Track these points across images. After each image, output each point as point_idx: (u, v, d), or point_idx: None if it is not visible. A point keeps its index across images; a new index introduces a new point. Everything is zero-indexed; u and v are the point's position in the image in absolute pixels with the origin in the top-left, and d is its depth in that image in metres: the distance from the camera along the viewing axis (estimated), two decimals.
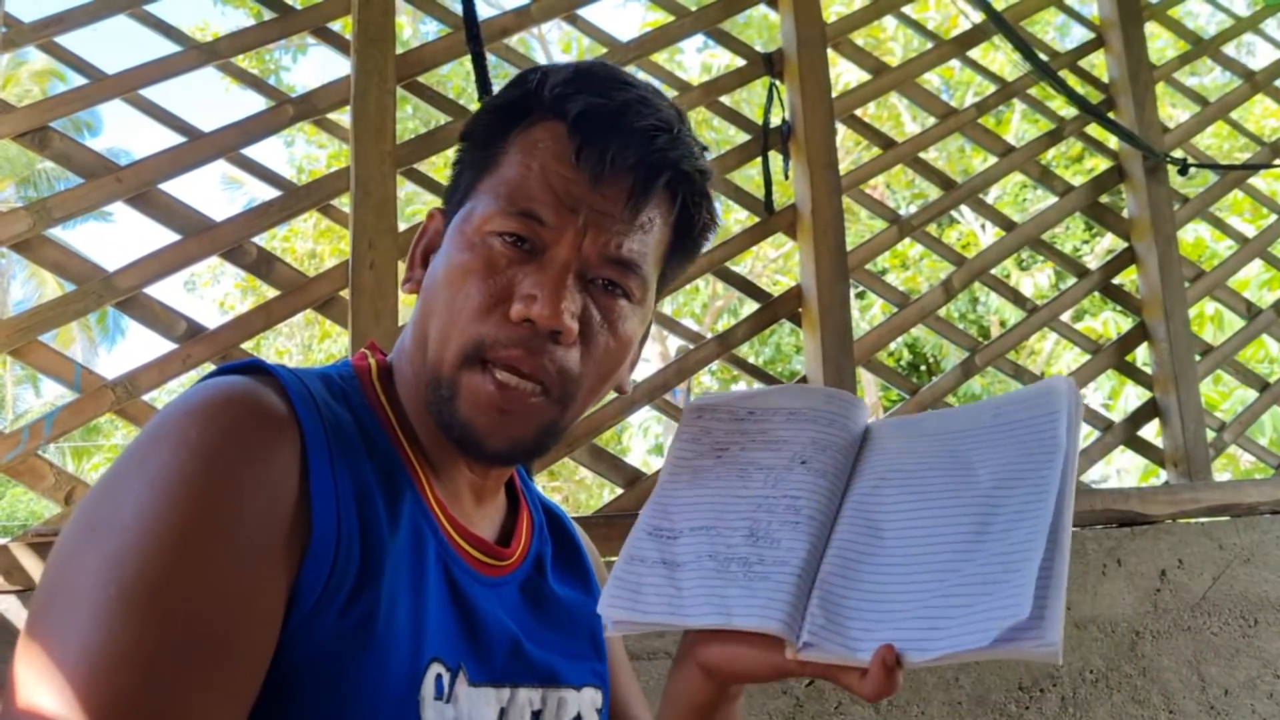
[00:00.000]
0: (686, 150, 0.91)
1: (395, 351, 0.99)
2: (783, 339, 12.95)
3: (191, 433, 0.75)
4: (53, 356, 1.96)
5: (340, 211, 2.21)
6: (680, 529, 0.88)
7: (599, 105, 0.87)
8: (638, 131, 0.88)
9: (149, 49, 2.10)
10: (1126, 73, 2.94)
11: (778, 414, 0.93)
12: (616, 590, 0.85)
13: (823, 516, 0.85)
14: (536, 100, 0.90)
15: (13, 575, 1.75)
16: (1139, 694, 2.29)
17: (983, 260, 2.77)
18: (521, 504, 1.07)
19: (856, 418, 0.93)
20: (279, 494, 0.77)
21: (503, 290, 0.86)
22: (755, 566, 0.82)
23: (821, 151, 2.54)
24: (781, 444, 0.90)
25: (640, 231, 0.90)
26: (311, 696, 0.77)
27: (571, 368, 0.88)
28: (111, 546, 0.70)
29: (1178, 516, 2.51)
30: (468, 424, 0.87)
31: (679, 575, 0.84)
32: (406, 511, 0.87)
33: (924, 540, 0.81)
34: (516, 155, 0.89)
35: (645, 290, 0.93)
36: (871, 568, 0.81)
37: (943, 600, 0.76)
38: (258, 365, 0.85)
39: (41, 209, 1.95)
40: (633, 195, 0.88)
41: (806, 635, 0.78)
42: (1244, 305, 3.12)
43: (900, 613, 0.77)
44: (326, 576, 0.77)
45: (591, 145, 0.86)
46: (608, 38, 2.50)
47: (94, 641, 0.67)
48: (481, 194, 0.90)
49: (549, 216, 0.87)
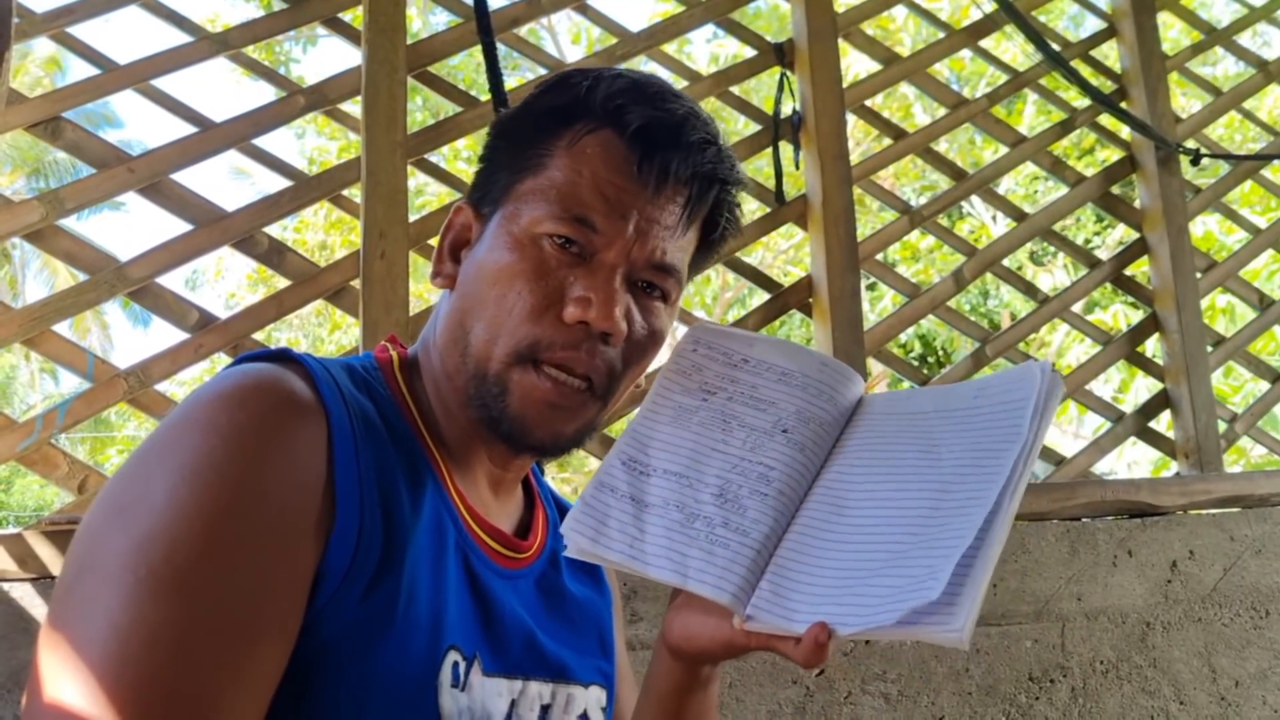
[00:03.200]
0: (731, 164, 0.95)
1: (420, 343, 1.00)
2: (793, 330, 12.93)
3: (221, 418, 0.76)
4: (66, 346, 1.97)
5: (351, 202, 2.21)
6: (654, 466, 0.89)
7: (660, 119, 0.90)
8: (694, 146, 0.91)
9: (160, 39, 2.11)
10: (1139, 62, 2.93)
11: (771, 370, 0.94)
12: (583, 516, 0.86)
13: (792, 492, 0.86)
14: (587, 107, 0.92)
15: (27, 563, 1.76)
16: (1149, 685, 2.29)
17: (993, 251, 2.77)
18: (536, 500, 1.08)
19: (847, 391, 0.94)
20: (305, 479, 0.78)
21: (554, 292, 0.88)
22: (718, 530, 0.83)
23: (832, 142, 2.53)
24: (768, 405, 0.91)
25: (682, 238, 0.93)
26: (334, 678, 0.78)
27: (617, 366, 0.91)
28: (141, 528, 0.71)
29: (1189, 508, 2.51)
30: (518, 418, 0.89)
31: (645, 517, 0.86)
32: (428, 500, 0.88)
33: (880, 519, 0.82)
34: (565, 160, 0.91)
35: (679, 291, 0.96)
36: (828, 544, 0.82)
37: (877, 580, 0.78)
38: (285, 353, 0.86)
39: (54, 199, 1.96)
40: (687, 206, 0.92)
41: (750, 608, 0.80)
42: (1256, 297, 3.10)
43: (840, 588, 0.79)
44: (350, 560, 0.78)
45: (652, 157, 0.89)
46: (618, 28, 2.50)
47: (123, 622, 0.68)
48: (526, 195, 0.91)
49: (601, 223, 0.88)
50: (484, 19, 2.18)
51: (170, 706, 0.66)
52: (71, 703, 0.66)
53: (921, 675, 2.14)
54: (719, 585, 0.80)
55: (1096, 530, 2.37)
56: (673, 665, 0.90)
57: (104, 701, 0.65)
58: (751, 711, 2.01)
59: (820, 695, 2.06)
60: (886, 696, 2.11)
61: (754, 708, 2.01)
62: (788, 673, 2.05)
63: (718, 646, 0.84)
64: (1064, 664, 2.24)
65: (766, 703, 2.02)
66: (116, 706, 0.65)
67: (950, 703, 2.14)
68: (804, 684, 2.06)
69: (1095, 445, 2.73)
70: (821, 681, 2.07)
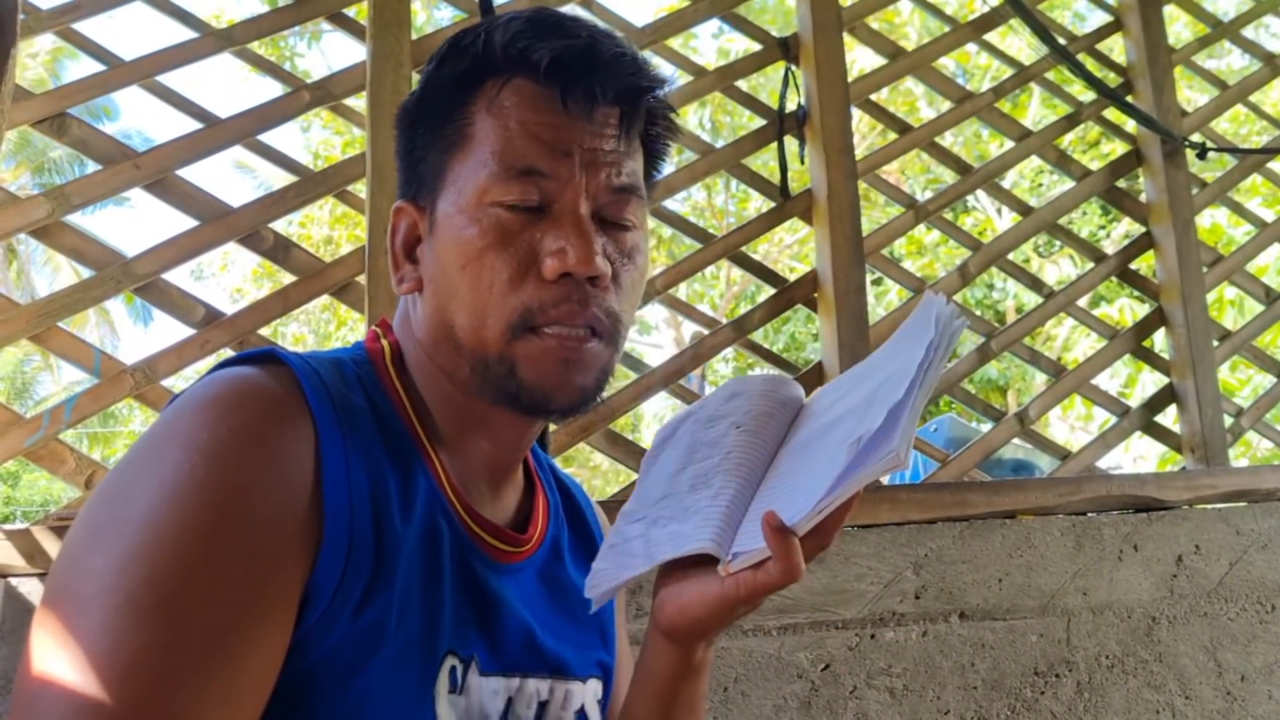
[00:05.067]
0: (650, 68, 0.92)
1: (402, 339, 0.97)
2: (798, 326, 12.91)
3: (202, 433, 0.74)
4: (72, 342, 1.98)
5: (356, 197, 2.22)
6: (644, 510, 0.91)
7: (568, 47, 0.87)
8: (611, 62, 0.88)
9: (165, 35, 2.11)
10: (1145, 56, 2.92)
11: (718, 395, 0.97)
12: (594, 577, 0.89)
13: (752, 461, 0.88)
14: (489, 63, 0.89)
15: (34, 559, 1.76)
16: (1155, 679, 2.29)
17: (999, 245, 2.76)
18: (537, 485, 1.06)
19: (792, 392, 0.96)
20: (291, 493, 0.75)
21: (526, 255, 0.86)
22: (689, 500, 0.86)
23: (837, 136, 2.53)
24: (720, 419, 0.93)
25: (628, 157, 0.91)
26: (326, 697, 0.76)
27: (614, 307, 0.89)
28: (119, 550, 0.69)
29: (1195, 502, 2.50)
30: (534, 386, 0.87)
31: (637, 541, 0.88)
32: (421, 502, 0.86)
33: (815, 441, 0.85)
34: (488, 121, 0.88)
35: (644, 212, 0.94)
36: (779, 482, 0.85)
37: (814, 467, 0.80)
38: (270, 354, 0.84)
39: (60, 195, 1.96)
40: (623, 124, 0.90)
41: (731, 552, 0.81)
42: (1263, 290, 3.10)
43: (788, 493, 0.81)
44: (340, 576, 0.76)
45: (574, 87, 0.86)
46: (623, 23, 2.50)
47: (102, 648, 0.66)
48: (464, 170, 0.88)
49: (547, 166, 0.86)
50: (488, 13, 2.18)
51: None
52: None
53: (927, 670, 2.14)
54: (699, 537, 0.82)
55: (1102, 525, 2.37)
56: (667, 650, 0.88)
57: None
58: (757, 706, 2.01)
59: (825, 690, 2.07)
60: (892, 691, 2.11)
61: (759, 702, 2.01)
62: (793, 667, 2.05)
63: (710, 608, 0.82)
64: (1069, 659, 2.24)
65: (772, 697, 2.02)
66: None
67: (955, 697, 2.14)
68: (809, 679, 2.06)
69: (1101, 440, 2.72)
70: (827, 676, 2.07)
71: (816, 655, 2.08)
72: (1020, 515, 2.34)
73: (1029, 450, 4.64)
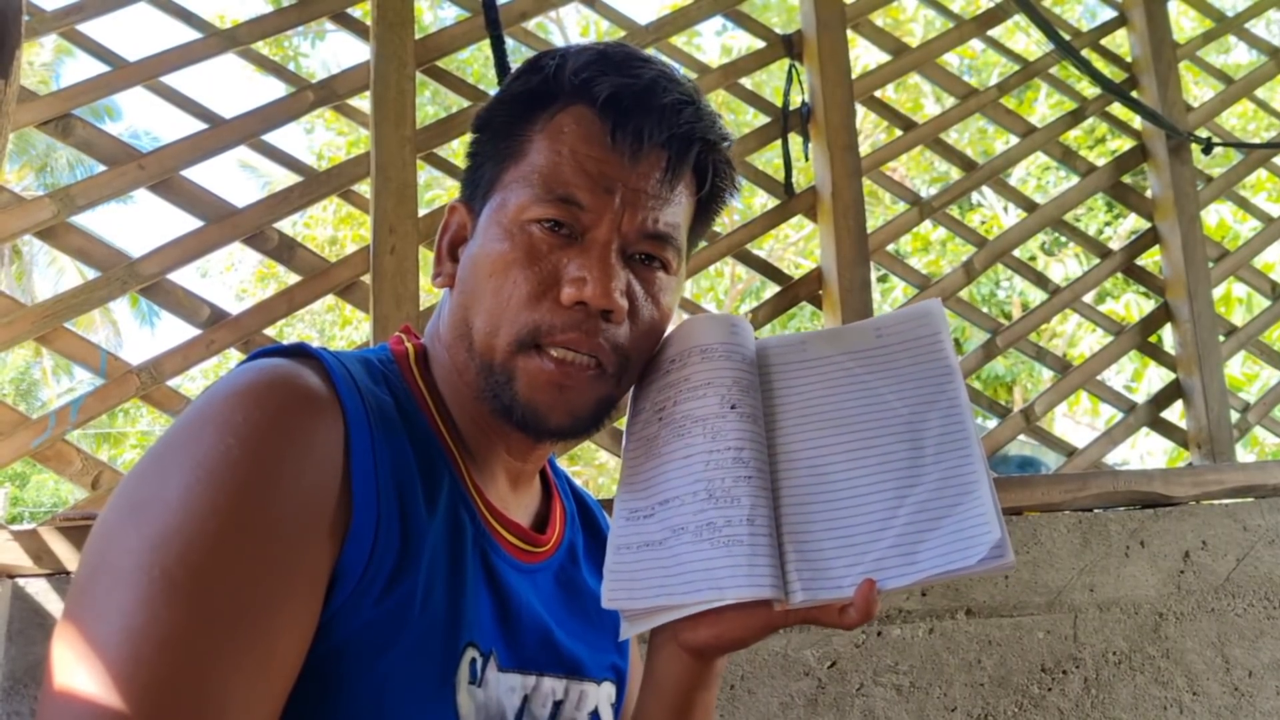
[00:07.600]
0: (711, 121, 0.93)
1: (428, 338, 1.00)
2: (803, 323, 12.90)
3: (237, 416, 0.76)
4: (79, 343, 1.98)
5: (360, 197, 2.22)
6: (649, 506, 0.89)
7: (627, 85, 0.88)
8: (667, 107, 0.89)
9: (169, 36, 2.11)
10: (1150, 51, 2.91)
11: (692, 353, 0.94)
12: (613, 581, 0.86)
13: (761, 463, 0.87)
14: (557, 86, 0.91)
15: (42, 559, 1.76)
16: (1162, 675, 2.28)
17: (1004, 242, 2.76)
18: (554, 492, 1.08)
19: (749, 342, 0.95)
20: (322, 478, 0.77)
21: (549, 276, 0.87)
22: (724, 530, 0.83)
23: (841, 133, 2.53)
24: (706, 387, 0.91)
25: (672, 204, 0.91)
26: (351, 679, 0.77)
27: (623, 343, 0.90)
28: (155, 528, 0.70)
29: (1201, 498, 2.50)
30: (528, 403, 0.88)
31: (661, 554, 0.86)
32: (445, 496, 0.88)
33: (866, 474, 0.85)
34: (544, 142, 0.90)
35: (680, 260, 0.94)
36: (824, 509, 0.84)
37: (907, 527, 0.81)
38: (301, 348, 0.86)
39: (65, 196, 1.97)
40: (668, 170, 0.90)
41: (801, 592, 0.81)
42: (1269, 286, 3.09)
43: (871, 545, 0.81)
44: (366, 560, 0.78)
45: (625, 125, 0.88)
46: (626, 21, 2.49)
47: (136, 624, 0.67)
48: (511, 184, 0.91)
49: (586, 199, 0.87)
50: (492, 13, 2.18)
51: (183, 708, 0.66)
52: (84, 704, 0.65)
53: (934, 667, 2.14)
54: (756, 584, 0.80)
55: (1109, 521, 2.37)
56: (689, 664, 0.88)
57: (117, 702, 0.65)
58: (763, 703, 2.01)
59: (832, 687, 2.06)
60: (899, 688, 2.11)
61: (765, 700, 2.01)
62: (800, 665, 2.05)
63: (755, 631, 0.83)
64: (1076, 655, 2.24)
65: (778, 695, 2.02)
66: (130, 707, 0.64)
67: (962, 694, 2.14)
68: (816, 676, 2.06)
69: (1107, 436, 2.72)
70: (833, 673, 2.07)
71: (823, 652, 2.08)
72: (1026, 512, 2.34)
73: (1035, 447, 4.61)
